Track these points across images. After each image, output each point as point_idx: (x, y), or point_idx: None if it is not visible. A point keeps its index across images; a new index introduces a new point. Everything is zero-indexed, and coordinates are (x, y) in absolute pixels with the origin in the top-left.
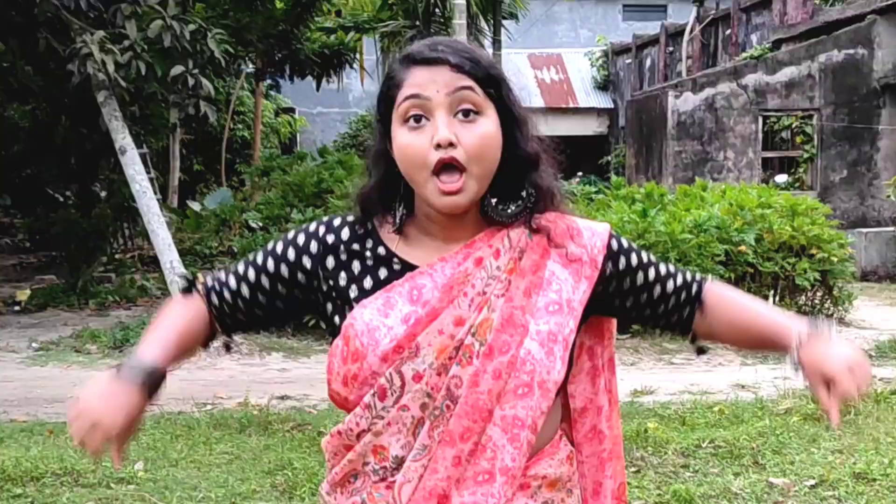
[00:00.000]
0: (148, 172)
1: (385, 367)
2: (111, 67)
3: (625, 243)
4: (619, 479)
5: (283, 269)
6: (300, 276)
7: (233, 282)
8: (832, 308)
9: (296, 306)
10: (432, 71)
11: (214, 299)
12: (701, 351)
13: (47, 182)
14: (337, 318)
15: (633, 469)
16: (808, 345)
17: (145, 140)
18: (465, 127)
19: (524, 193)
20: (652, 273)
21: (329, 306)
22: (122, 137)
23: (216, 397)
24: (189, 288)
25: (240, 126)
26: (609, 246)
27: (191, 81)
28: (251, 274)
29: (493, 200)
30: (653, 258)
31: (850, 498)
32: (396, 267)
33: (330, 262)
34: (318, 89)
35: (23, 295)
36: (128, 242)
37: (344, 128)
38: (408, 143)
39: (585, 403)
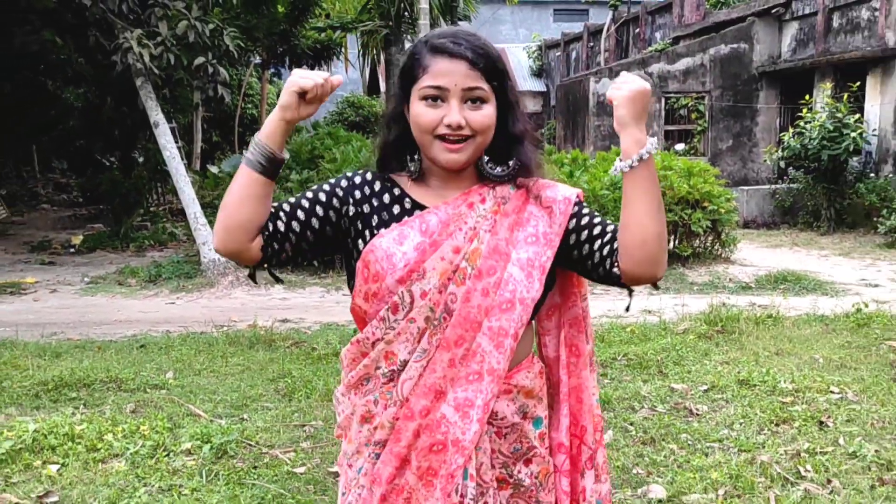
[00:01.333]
0: (176, 142)
1: (399, 287)
2: (147, 59)
3: (585, 207)
4: (581, 422)
5: (322, 195)
6: (335, 201)
7: (285, 205)
8: (720, 249)
9: (327, 228)
10: (453, 63)
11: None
12: (630, 291)
13: (96, 150)
14: (360, 243)
15: None
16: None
17: (174, 116)
18: (473, 111)
19: (511, 162)
20: (598, 226)
21: (353, 230)
22: (156, 114)
23: (230, 320)
24: None
25: (249, 106)
26: (577, 203)
27: (210, 70)
28: (299, 199)
29: (486, 159)
30: (599, 217)
31: (736, 399)
32: (407, 205)
33: (357, 194)
34: None
35: (77, 240)
36: (160, 198)
37: (332, 107)
38: (423, 113)
39: (555, 354)
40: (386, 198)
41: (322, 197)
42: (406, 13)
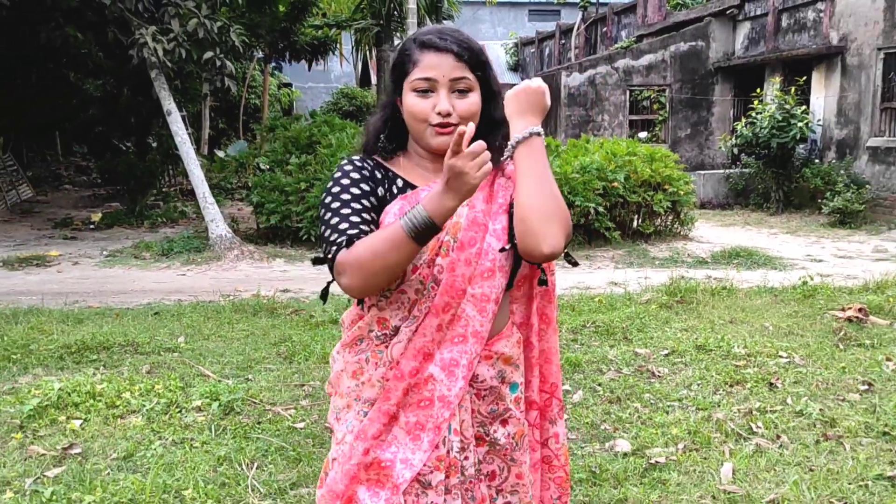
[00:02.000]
0: (187, 129)
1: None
2: (160, 53)
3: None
4: (551, 380)
5: (368, 197)
6: (378, 189)
7: (355, 221)
8: (680, 227)
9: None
10: (440, 57)
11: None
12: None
13: (113, 136)
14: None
15: None
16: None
17: (185, 105)
18: (460, 100)
19: (497, 144)
20: None
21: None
22: (168, 103)
23: (236, 290)
24: (334, 253)
25: (252, 96)
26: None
27: (218, 63)
28: (355, 209)
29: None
30: None
31: (694, 363)
32: (400, 184)
33: (373, 182)
34: (309, 69)
35: (96, 217)
36: (172, 179)
37: (328, 97)
38: (416, 104)
39: (522, 320)
40: (386, 181)
41: (366, 187)
42: (395, 13)
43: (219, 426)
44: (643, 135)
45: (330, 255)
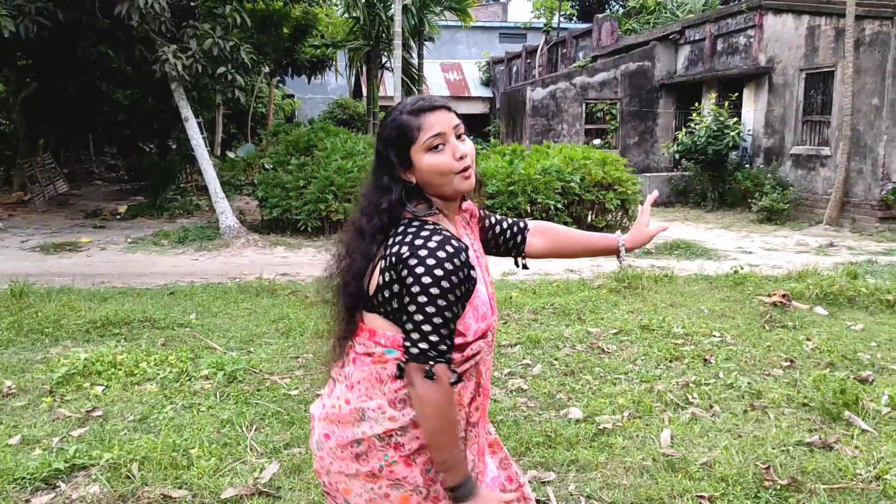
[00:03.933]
0: (202, 133)
1: (494, 321)
2: (180, 68)
3: (478, 209)
4: None
5: (465, 294)
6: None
7: (452, 337)
8: (628, 222)
9: None
10: (438, 115)
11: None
12: (525, 266)
13: (138, 138)
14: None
15: (502, 322)
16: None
17: (200, 113)
18: (464, 144)
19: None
20: (494, 219)
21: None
22: (186, 111)
23: (241, 274)
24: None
25: (259, 105)
26: (479, 214)
27: (229, 77)
28: (456, 315)
29: None
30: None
31: (639, 340)
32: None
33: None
34: (308, 83)
35: (122, 209)
36: (188, 177)
37: (324, 107)
38: (437, 160)
39: None
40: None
41: (462, 276)
42: (383, 35)
43: (223, 393)
44: (597, 142)
45: (432, 362)
